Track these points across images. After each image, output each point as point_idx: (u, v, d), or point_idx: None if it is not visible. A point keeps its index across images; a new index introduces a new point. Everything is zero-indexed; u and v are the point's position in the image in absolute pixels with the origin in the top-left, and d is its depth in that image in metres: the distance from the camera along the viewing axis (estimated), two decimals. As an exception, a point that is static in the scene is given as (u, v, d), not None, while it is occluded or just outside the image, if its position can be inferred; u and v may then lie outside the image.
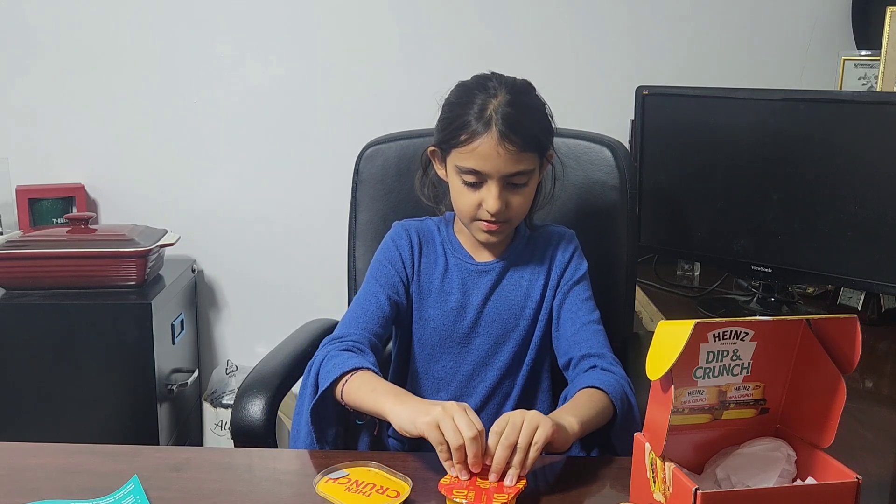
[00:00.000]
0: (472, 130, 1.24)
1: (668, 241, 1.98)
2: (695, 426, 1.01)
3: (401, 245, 1.40)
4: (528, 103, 1.28)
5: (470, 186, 1.29)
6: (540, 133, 1.29)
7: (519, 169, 1.26)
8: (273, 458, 1.21)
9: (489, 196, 1.27)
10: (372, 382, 1.16)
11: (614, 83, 2.40)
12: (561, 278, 1.38)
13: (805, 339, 0.98)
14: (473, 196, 1.29)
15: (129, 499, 1.01)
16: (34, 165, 2.46)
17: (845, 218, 1.66)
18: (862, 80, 2.14)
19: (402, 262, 1.39)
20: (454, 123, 1.27)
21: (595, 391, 1.20)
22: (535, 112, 1.29)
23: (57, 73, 2.42)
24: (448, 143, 1.29)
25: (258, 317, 2.56)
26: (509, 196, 1.28)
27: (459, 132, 1.26)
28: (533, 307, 1.38)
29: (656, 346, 0.93)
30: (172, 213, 2.47)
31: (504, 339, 1.38)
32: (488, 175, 1.26)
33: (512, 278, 1.39)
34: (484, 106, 1.25)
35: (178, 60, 2.42)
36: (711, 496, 0.87)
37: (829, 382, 0.95)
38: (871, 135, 1.62)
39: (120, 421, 2.17)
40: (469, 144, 1.25)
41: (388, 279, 1.37)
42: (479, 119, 1.24)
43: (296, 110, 2.45)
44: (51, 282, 2.15)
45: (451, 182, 1.33)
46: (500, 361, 1.38)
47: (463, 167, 1.27)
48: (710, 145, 1.84)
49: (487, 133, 1.23)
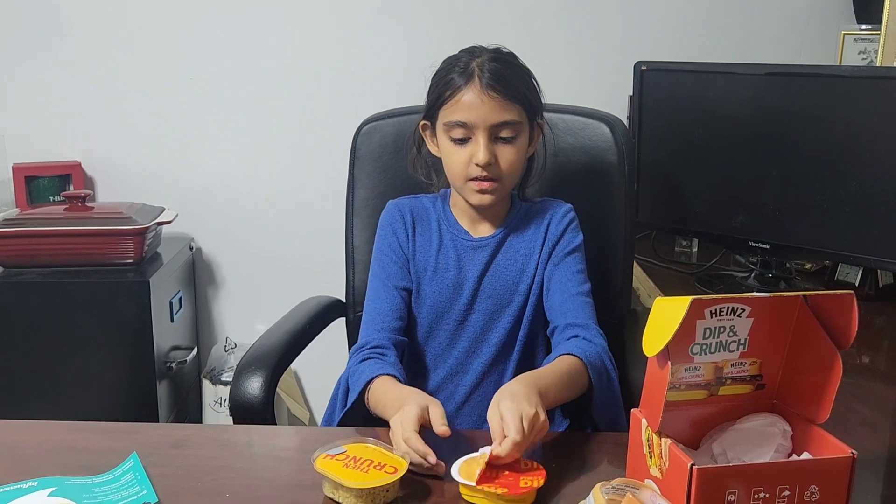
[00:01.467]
0: (456, 86, 1.28)
1: (665, 218, 1.97)
2: (691, 402, 1.01)
3: (396, 228, 1.40)
4: (512, 62, 1.32)
5: (458, 143, 1.30)
6: (526, 89, 1.31)
7: (505, 119, 1.27)
8: (272, 434, 1.22)
9: (477, 147, 1.28)
10: (384, 392, 1.19)
11: (612, 58, 2.38)
12: (553, 250, 1.38)
13: (802, 315, 0.98)
14: (463, 153, 1.30)
15: (128, 476, 1.02)
16: (31, 143, 2.44)
17: (843, 194, 1.66)
18: (862, 54, 2.13)
19: (400, 246, 1.40)
20: (440, 85, 1.31)
21: (572, 359, 1.21)
22: (519, 70, 1.32)
23: (53, 50, 2.40)
24: (435, 105, 1.32)
25: (256, 294, 2.56)
26: (498, 150, 1.29)
27: (445, 90, 1.29)
28: (528, 282, 1.38)
29: (653, 322, 0.93)
30: (170, 190, 2.46)
31: (499, 315, 1.38)
32: (474, 126, 1.27)
33: (507, 253, 1.39)
34: (468, 63, 1.29)
35: (175, 37, 2.40)
36: (707, 471, 0.88)
37: (826, 358, 0.95)
38: (870, 110, 1.61)
39: (119, 398, 2.18)
40: (454, 98, 1.28)
41: (393, 268, 1.38)
42: (463, 74, 1.28)
43: (293, 87, 2.44)
44: (48, 260, 2.15)
45: (441, 147, 1.34)
46: (496, 337, 1.38)
47: (450, 122, 1.29)
48: (709, 121, 1.84)
49: (471, 84, 1.27)
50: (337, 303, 1.65)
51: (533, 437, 1.03)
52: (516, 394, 1.06)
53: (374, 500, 0.97)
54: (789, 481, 0.89)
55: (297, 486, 1.03)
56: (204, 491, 1.00)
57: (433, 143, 1.37)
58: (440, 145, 1.35)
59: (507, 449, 0.99)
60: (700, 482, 0.87)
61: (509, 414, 1.02)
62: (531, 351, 1.40)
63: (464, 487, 0.99)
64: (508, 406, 1.03)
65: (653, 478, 0.96)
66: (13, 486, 0.99)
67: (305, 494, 1.00)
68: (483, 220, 1.40)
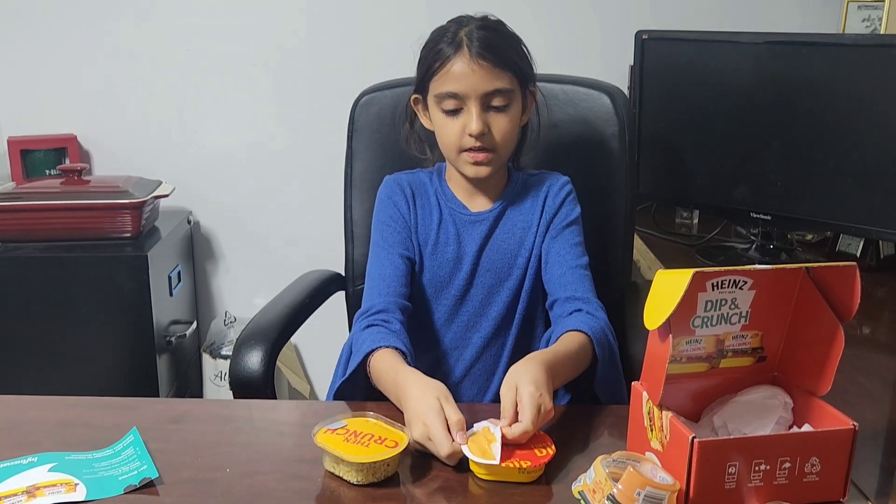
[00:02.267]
0: (445, 56, 1.26)
1: (666, 189, 1.96)
2: (692, 375, 1.01)
3: (396, 200, 1.39)
4: (502, 30, 1.31)
5: (451, 115, 1.28)
6: (516, 56, 1.29)
7: (496, 87, 1.26)
8: (272, 409, 1.22)
9: (470, 118, 1.26)
10: (381, 373, 1.15)
11: (613, 27, 2.35)
12: (551, 222, 1.37)
13: (804, 287, 0.97)
14: (455, 124, 1.28)
15: (128, 451, 1.02)
16: (25, 116, 2.42)
17: (845, 164, 1.65)
18: (866, 22, 2.10)
19: (402, 217, 1.38)
20: (428, 57, 1.29)
21: (579, 335, 1.20)
22: (508, 37, 1.30)
23: (47, 22, 2.37)
24: (425, 77, 1.30)
25: (255, 268, 2.56)
26: (491, 119, 1.28)
27: (434, 62, 1.27)
28: (526, 255, 1.37)
29: (654, 295, 0.93)
30: (167, 164, 2.44)
31: (498, 289, 1.37)
32: (466, 96, 1.26)
33: (505, 227, 1.38)
34: (456, 33, 1.27)
35: (170, 8, 2.37)
36: (708, 444, 0.88)
37: (828, 330, 0.95)
38: (873, 79, 1.59)
39: (119, 373, 2.18)
40: (443, 69, 1.26)
41: (396, 237, 1.37)
42: (451, 44, 1.26)
43: (290, 59, 2.41)
44: (45, 234, 2.14)
45: (433, 120, 1.33)
46: (495, 311, 1.37)
47: (441, 93, 1.28)
48: (710, 91, 1.82)
49: (460, 53, 1.25)
50: (336, 276, 1.64)
51: (538, 426, 1.02)
52: (539, 382, 1.04)
53: (375, 475, 0.97)
54: (790, 453, 0.90)
55: (298, 461, 1.03)
56: (204, 466, 1.00)
57: (426, 117, 1.36)
58: (432, 118, 1.33)
59: (517, 434, 0.99)
60: (701, 455, 0.87)
61: (529, 401, 1.01)
62: (530, 325, 1.39)
63: (478, 466, 0.98)
64: (530, 392, 1.02)
65: (653, 450, 0.96)
66: (13, 462, 0.99)
67: (306, 468, 1.00)
68: (480, 192, 1.39)
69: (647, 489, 0.84)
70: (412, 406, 1.04)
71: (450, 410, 1.02)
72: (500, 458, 0.96)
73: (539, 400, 1.02)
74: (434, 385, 1.06)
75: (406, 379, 1.09)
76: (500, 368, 1.39)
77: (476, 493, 0.96)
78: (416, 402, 1.04)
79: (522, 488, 0.96)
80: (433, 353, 1.39)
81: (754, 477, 0.89)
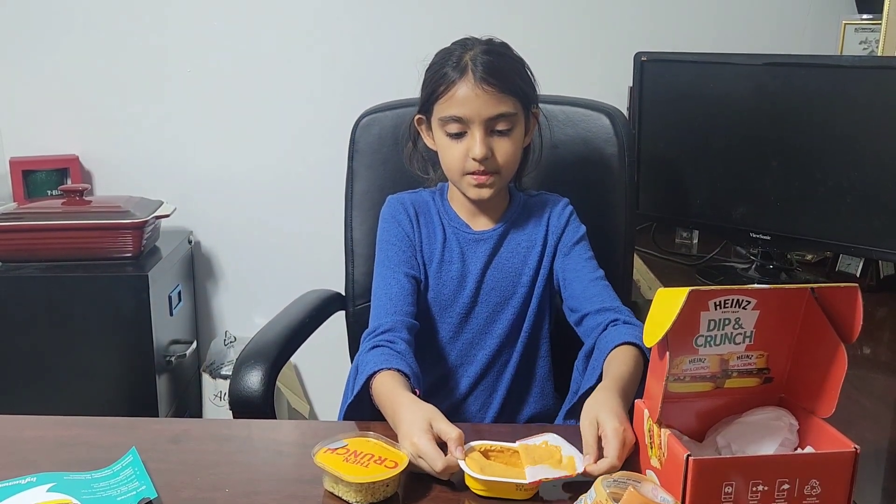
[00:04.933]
0: (450, 80, 1.27)
1: (666, 209, 1.97)
2: (697, 394, 1.01)
3: (400, 220, 1.39)
4: (506, 53, 1.31)
5: (454, 138, 1.29)
6: (520, 80, 1.30)
7: (500, 111, 1.26)
8: (272, 429, 1.21)
9: (474, 142, 1.27)
10: (386, 391, 1.14)
11: (612, 49, 2.37)
12: (559, 242, 1.37)
13: (809, 308, 0.97)
14: (459, 147, 1.29)
15: (127, 471, 1.01)
16: (27, 137, 2.43)
17: (845, 184, 1.65)
18: (863, 44, 2.12)
19: (407, 235, 1.38)
20: (433, 79, 1.29)
21: (631, 348, 1.18)
22: (512, 61, 1.31)
23: (49, 43, 2.38)
24: (429, 99, 1.31)
25: (256, 287, 2.55)
26: (494, 143, 1.28)
27: (439, 85, 1.28)
28: (530, 274, 1.37)
29: (654, 312, 0.93)
30: (168, 184, 2.45)
31: (502, 307, 1.38)
32: (470, 120, 1.26)
33: (509, 245, 1.38)
34: (461, 56, 1.27)
35: (171, 30, 2.39)
36: (704, 462, 0.87)
37: (831, 352, 0.94)
38: (871, 100, 1.60)
39: (118, 393, 2.18)
40: (448, 92, 1.27)
41: (401, 256, 1.37)
42: (456, 68, 1.27)
43: (292, 80, 2.43)
44: (47, 254, 2.14)
45: (437, 142, 1.33)
46: (499, 329, 1.38)
47: (445, 117, 1.28)
48: (710, 111, 1.83)
49: (465, 78, 1.26)
50: (336, 296, 1.64)
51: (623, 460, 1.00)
52: (621, 416, 1.03)
53: (374, 495, 0.96)
54: (788, 475, 0.89)
55: (297, 481, 1.03)
56: (203, 485, 1.00)
57: (429, 137, 1.36)
58: (436, 140, 1.34)
59: (604, 469, 0.97)
60: (696, 473, 0.87)
61: (614, 435, 1.00)
62: (534, 343, 1.40)
63: (474, 481, 0.97)
64: (614, 428, 1.00)
65: (653, 468, 0.96)
66: (12, 482, 0.98)
67: (305, 489, 1.00)
68: (482, 213, 1.39)
69: (648, 509, 0.84)
70: (403, 428, 1.05)
71: (445, 427, 1.02)
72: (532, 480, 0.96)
73: (624, 434, 1.00)
74: (426, 407, 1.07)
75: (401, 403, 1.09)
76: (502, 385, 1.39)
77: (474, 511, 0.95)
78: (406, 425, 1.04)
79: (520, 505, 0.96)
80: (439, 370, 1.39)
81: (752, 498, 0.88)
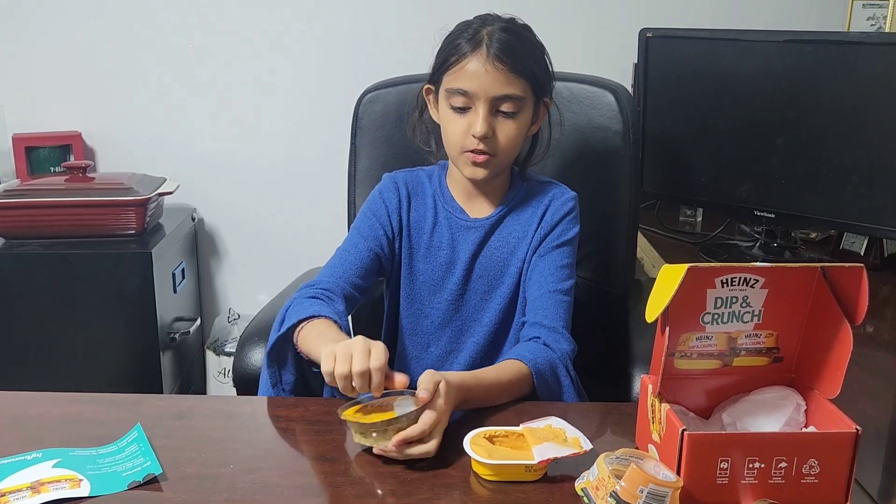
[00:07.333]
0: (462, 52, 1.25)
1: (670, 187, 1.96)
2: (706, 372, 1.00)
3: (388, 198, 1.37)
4: (525, 36, 1.28)
5: (458, 112, 1.27)
6: (534, 64, 1.27)
7: (507, 92, 1.24)
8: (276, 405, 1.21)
9: (476, 119, 1.25)
10: (323, 331, 1.14)
11: (617, 25, 2.35)
12: (544, 239, 1.33)
13: (819, 288, 0.96)
14: (461, 122, 1.27)
15: (132, 447, 1.02)
16: (30, 113, 2.43)
17: (850, 163, 1.64)
18: (870, 20, 2.10)
19: (388, 216, 1.36)
20: (446, 49, 1.27)
21: (520, 366, 1.17)
22: (530, 45, 1.28)
23: (52, 19, 2.37)
24: (440, 70, 1.28)
25: (259, 265, 2.56)
26: (497, 123, 1.26)
27: (451, 56, 1.26)
28: (518, 265, 1.35)
29: (657, 289, 0.93)
30: (171, 161, 2.45)
31: (491, 295, 1.36)
32: (475, 95, 1.24)
33: (501, 234, 1.36)
34: (478, 30, 1.25)
35: (175, 6, 2.37)
36: (699, 437, 0.88)
37: (838, 332, 0.94)
38: (878, 77, 1.59)
39: (123, 370, 2.19)
40: (458, 64, 1.25)
41: (371, 231, 1.35)
42: (471, 41, 1.24)
43: (295, 56, 2.41)
44: (50, 231, 2.15)
45: (441, 114, 1.31)
46: (488, 317, 1.36)
47: (451, 88, 1.26)
48: (715, 89, 1.81)
49: (477, 51, 1.24)
50: (339, 273, 1.64)
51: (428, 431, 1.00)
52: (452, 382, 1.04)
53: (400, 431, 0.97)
54: (785, 453, 0.89)
55: (301, 457, 1.03)
56: (208, 461, 1.00)
57: (435, 109, 1.34)
58: (440, 112, 1.32)
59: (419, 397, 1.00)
60: (691, 448, 0.87)
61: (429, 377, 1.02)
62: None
63: (481, 466, 0.97)
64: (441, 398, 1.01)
65: (654, 443, 0.96)
66: (17, 458, 0.99)
67: (309, 465, 1.01)
68: (480, 196, 1.37)
69: (650, 486, 0.84)
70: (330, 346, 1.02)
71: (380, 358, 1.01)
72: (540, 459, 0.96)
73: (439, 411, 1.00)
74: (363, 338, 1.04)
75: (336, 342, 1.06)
76: None
77: (479, 491, 0.95)
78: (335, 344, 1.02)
79: (526, 485, 0.96)
80: (428, 357, 1.38)
81: (748, 474, 0.89)
